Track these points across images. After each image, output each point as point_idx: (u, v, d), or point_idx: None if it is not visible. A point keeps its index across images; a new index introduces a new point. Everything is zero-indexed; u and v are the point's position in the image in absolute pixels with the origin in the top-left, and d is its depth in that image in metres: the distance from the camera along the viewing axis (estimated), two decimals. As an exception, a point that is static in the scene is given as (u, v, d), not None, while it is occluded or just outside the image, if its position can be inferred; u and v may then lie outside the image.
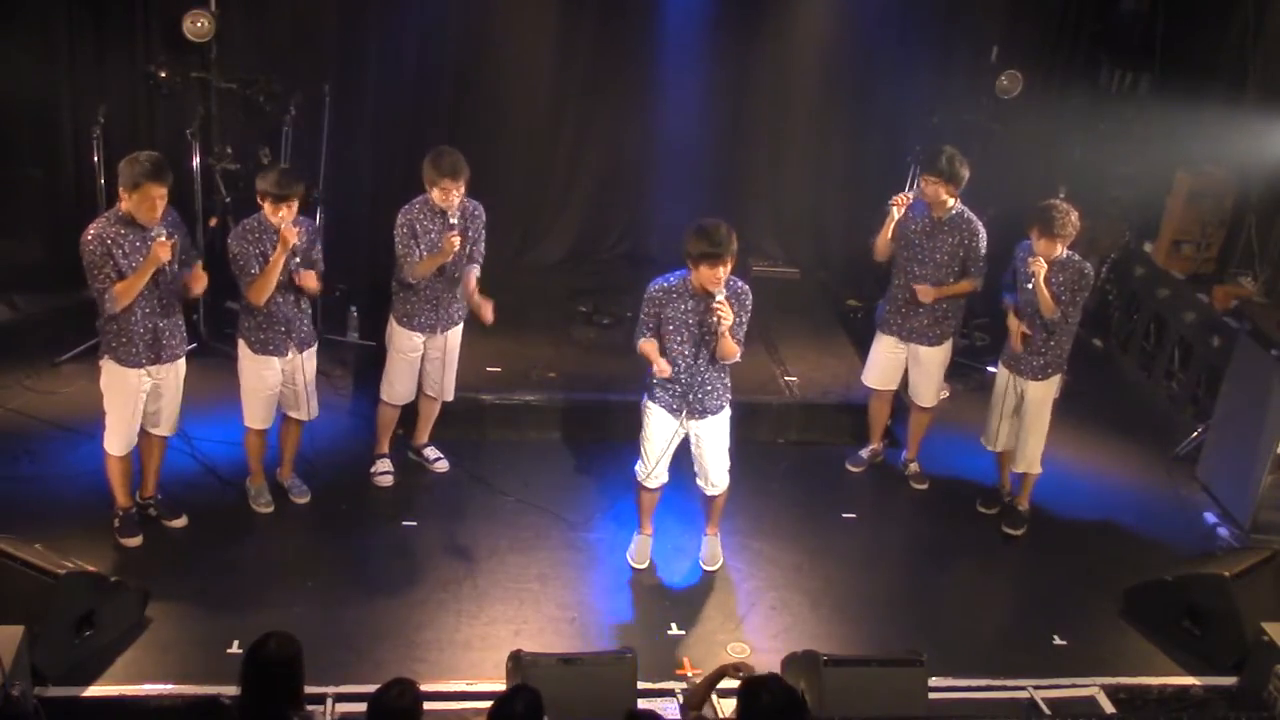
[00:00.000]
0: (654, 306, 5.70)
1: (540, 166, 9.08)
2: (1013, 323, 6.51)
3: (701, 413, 5.84)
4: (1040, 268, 6.13)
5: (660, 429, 5.88)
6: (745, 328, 5.73)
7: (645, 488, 6.09)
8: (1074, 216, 6.16)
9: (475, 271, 6.39)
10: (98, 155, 7.30)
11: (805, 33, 8.98)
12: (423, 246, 6.13)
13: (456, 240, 6.05)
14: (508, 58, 8.65)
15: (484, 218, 6.38)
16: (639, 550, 6.27)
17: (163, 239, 5.46)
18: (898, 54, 8.94)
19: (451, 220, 6.07)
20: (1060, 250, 6.19)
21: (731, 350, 5.65)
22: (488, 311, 6.32)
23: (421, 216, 6.14)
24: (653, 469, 5.98)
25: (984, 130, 8.53)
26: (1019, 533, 6.78)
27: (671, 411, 5.85)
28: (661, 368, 5.67)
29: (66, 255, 5.57)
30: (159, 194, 5.44)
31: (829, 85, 9.14)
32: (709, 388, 5.80)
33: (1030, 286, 6.20)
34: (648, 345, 5.75)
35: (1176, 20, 8.86)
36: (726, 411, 5.94)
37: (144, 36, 7.83)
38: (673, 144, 8.98)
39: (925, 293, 6.62)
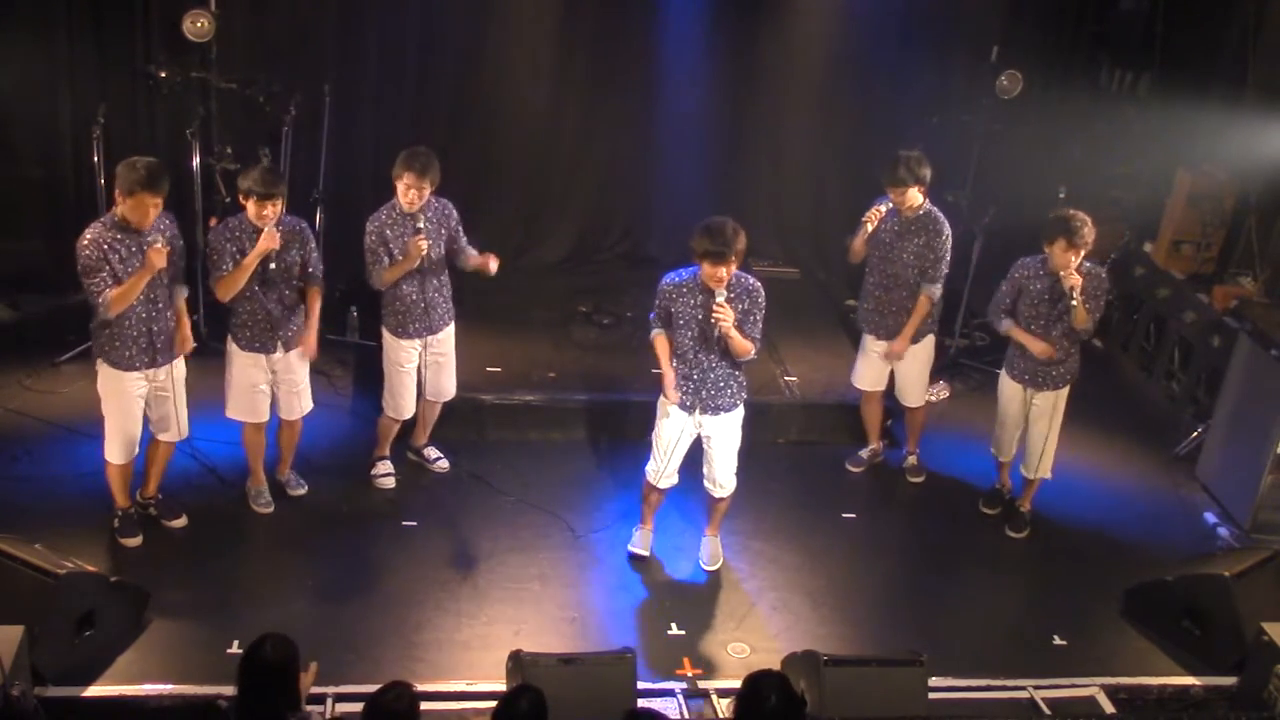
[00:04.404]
0: (664, 300, 5.76)
1: (540, 167, 9.07)
2: (1024, 336, 6.35)
3: (714, 409, 5.85)
4: (1077, 280, 6.04)
5: (671, 426, 5.90)
6: (760, 325, 5.72)
7: (654, 487, 6.10)
8: (1090, 222, 6.09)
9: (471, 252, 6.35)
10: (97, 155, 7.29)
11: (805, 33, 8.99)
12: (395, 251, 6.10)
13: (424, 244, 6.01)
14: (508, 57, 8.65)
15: (455, 214, 6.33)
16: (641, 539, 6.29)
17: (158, 245, 5.43)
18: (898, 54, 8.95)
19: (418, 225, 6.04)
20: (1080, 260, 6.16)
21: (743, 348, 5.65)
22: (492, 264, 6.27)
23: (390, 222, 6.11)
24: (663, 468, 6.00)
25: (984, 131, 8.53)
26: (1022, 535, 6.78)
27: (684, 408, 5.85)
28: (668, 387, 5.77)
29: (67, 255, 5.55)
30: (153, 203, 5.42)
31: (829, 85, 9.14)
32: (720, 384, 5.81)
33: (1073, 303, 6.07)
34: (659, 343, 5.82)
35: (1176, 20, 8.87)
36: (739, 411, 5.94)
37: (144, 36, 7.84)
38: (673, 144, 8.99)
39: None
